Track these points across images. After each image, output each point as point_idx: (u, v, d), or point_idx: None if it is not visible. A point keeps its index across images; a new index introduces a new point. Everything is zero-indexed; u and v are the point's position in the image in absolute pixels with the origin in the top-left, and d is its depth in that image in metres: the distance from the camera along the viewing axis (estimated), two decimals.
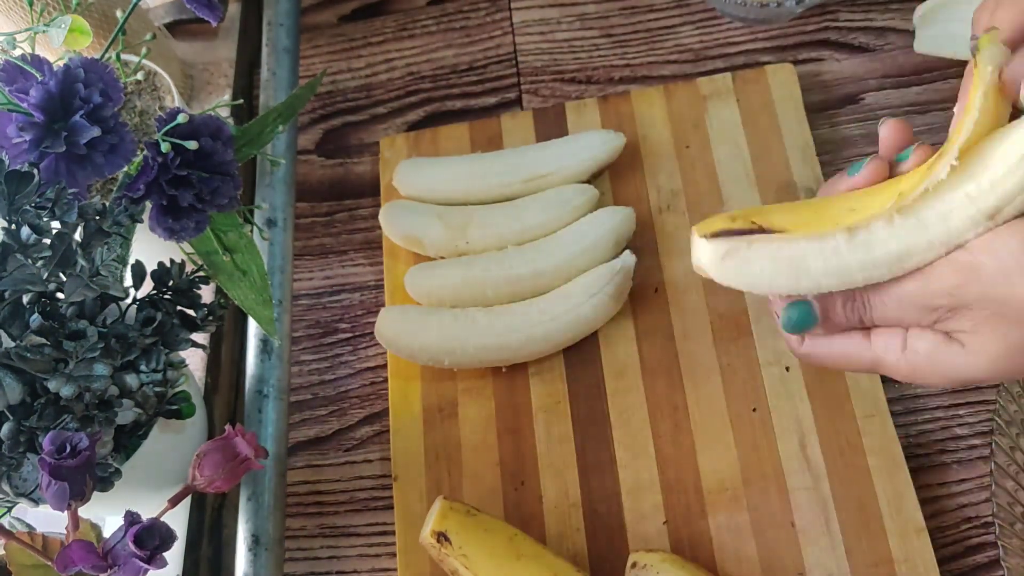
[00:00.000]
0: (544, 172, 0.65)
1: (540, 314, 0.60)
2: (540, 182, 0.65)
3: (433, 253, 0.65)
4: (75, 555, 0.40)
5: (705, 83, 0.69)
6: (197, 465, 0.46)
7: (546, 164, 0.65)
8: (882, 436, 0.56)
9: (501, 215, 0.65)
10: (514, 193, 0.66)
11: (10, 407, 0.43)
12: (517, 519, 0.58)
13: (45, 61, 0.48)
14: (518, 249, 0.63)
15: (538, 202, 0.65)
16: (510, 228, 0.64)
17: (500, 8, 0.79)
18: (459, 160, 0.68)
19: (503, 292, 0.62)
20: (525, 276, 0.62)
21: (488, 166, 0.67)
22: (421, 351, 0.61)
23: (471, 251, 0.64)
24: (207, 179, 0.50)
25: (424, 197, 0.67)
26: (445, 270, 0.64)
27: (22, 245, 0.42)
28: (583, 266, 0.61)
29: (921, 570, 0.53)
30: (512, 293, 0.62)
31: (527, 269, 0.62)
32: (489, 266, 0.62)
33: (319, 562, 0.61)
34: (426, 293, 0.63)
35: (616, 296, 0.61)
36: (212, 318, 0.51)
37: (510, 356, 0.61)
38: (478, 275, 0.62)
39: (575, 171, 0.65)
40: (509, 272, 0.62)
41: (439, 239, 0.65)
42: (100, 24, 0.63)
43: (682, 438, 0.58)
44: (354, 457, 0.63)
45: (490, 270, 0.62)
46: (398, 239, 0.66)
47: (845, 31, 0.72)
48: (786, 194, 0.64)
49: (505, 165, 0.66)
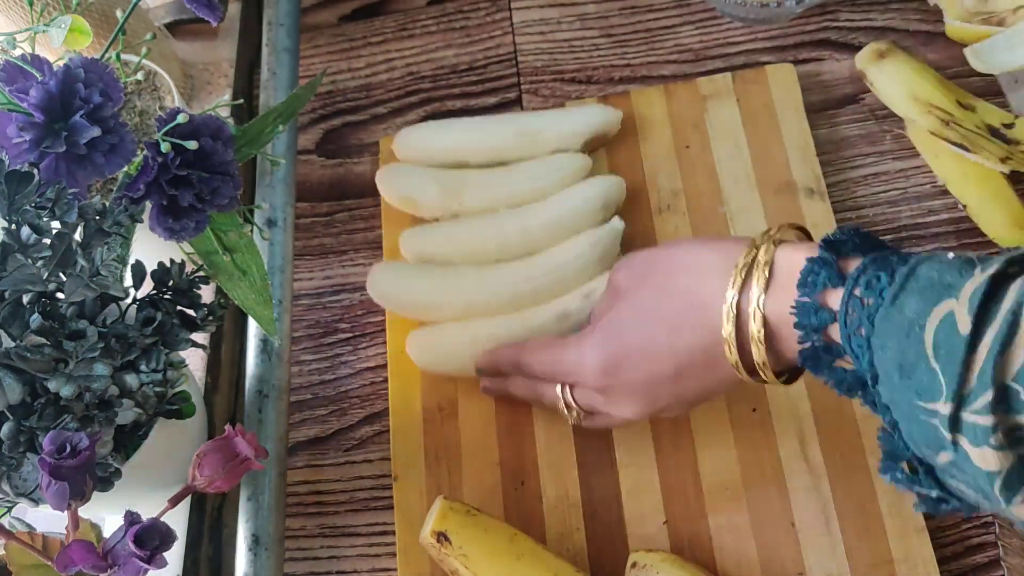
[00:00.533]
0: (537, 129, 0.66)
1: (528, 272, 0.62)
2: (533, 138, 0.66)
3: (428, 214, 0.67)
4: (75, 555, 0.40)
5: (705, 83, 0.69)
6: (197, 465, 0.46)
7: (539, 123, 0.67)
8: None
9: (495, 178, 0.66)
10: (507, 148, 0.67)
11: (10, 407, 0.43)
12: (517, 519, 0.58)
13: (45, 61, 0.48)
14: (510, 211, 0.65)
15: (531, 167, 0.66)
16: (503, 191, 0.65)
17: (500, 8, 0.79)
18: (455, 122, 0.70)
19: (493, 252, 0.63)
20: (514, 237, 0.63)
21: (482, 125, 0.68)
22: (411, 306, 0.63)
23: (465, 213, 0.66)
24: (207, 179, 0.50)
25: (421, 160, 0.69)
26: (438, 230, 0.65)
27: (22, 245, 0.42)
28: (572, 228, 0.63)
29: (921, 570, 0.53)
30: (502, 252, 0.63)
31: (517, 229, 0.63)
32: (481, 227, 0.64)
33: (319, 562, 0.61)
34: (420, 252, 0.65)
35: (602, 259, 0.62)
36: (212, 318, 0.51)
37: (497, 311, 0.61)
38: (470, 235, 0.64)
39: (568, 132, 0.66)
40: (500, 233, 0.63)
41: (434, 200, 0.66)
42: (100, 24, 0.63)
43: (682, 438, 0.58)
44: (354, 457, 0.63)
45: (482, 231, 0.64)
46: (395, 200, 0.68)
47: (845, 31, 0.72)
48: (786, 194, 0.64)
49: (499, 123, 0.68)
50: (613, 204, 0.64)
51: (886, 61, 0.65)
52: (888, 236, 0.64)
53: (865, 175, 0.67)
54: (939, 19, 0.70)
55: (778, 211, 0.64)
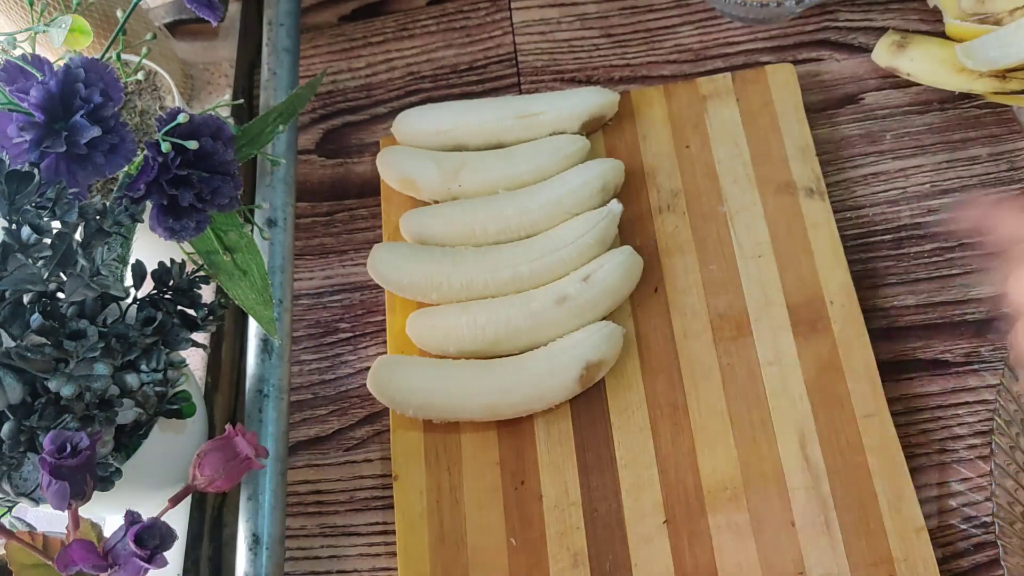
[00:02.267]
0: (536, 111, 0.67)
1: (526, 253, 0.62)
2: (531, 120, 0.67)
3: (427, 196, 0.67)
4: (76, 554, 0.40)
5: (705, 83, 0.69)
6: (197, 464, 0.46)
7: (538, 105, 0.67)
8: (882, 436, 0.56)
9: (493, 160, 0.67)
10: (506, 130, 0.67)
11: (11, 407, 0.43)
12: (517, 518, 0.58)
13: (46, 61, 0.48)
14: (509, 193, 0.65)
15: (530, 149, 0.66)
16: (502, 173, 0.66)
17: (500, 8, 0.79)
18: (453, 104, 0.70)
19: (492, 233, 0.64)
20: (513, 218, 0.63)
21: (481, 107, 0.69)
22: (410, 285, 0.63)
23: (463, 195, 0.66)
24: (207, 179, 0.50)
25: (420, 143, 0.69)
26: (438, 211, 0.66)
27: (23, 245, 0.42)
28: (571, 210, 0.63)
29: (921, 570, 0.53)
30: (501, 234, 0.64)
31: (516, 211, 0.63)
32: (480, 208, 0.64)
33: (319, 561, 0.61)
34: (419, 234, 0.65)
35: (600, 241, 0.62)
36: (212, 318, 0.51)
37: (495, 292, 0.62)
38: (469, 216, 0.64)
39: (567, 114, 0.66)
40: (499, 214, 0.64)
41: (433, 182, 0.66)
42: (100, 24, 0.63)
43: (682, 438, 0.58)
44: (354, 456, 0.64)
45: (481, 212, 0.64)
46: (394, 182, 0.68)
47: (845, 31, 0.72)
48: (786, 194, 0.64)
49: (498, 105, 0.69)
50: (612, 187, 0.65)
51: (910, 47, 0.65)
52: (888, 236, 0.64)
53: (865, 175, 0.67)
54: (938, 19, 0.70)
55: (778, 211, 0.64)
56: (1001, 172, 0.65)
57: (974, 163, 0.66)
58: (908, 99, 0.69)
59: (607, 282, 0.61)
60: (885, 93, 0.69)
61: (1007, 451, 0.55)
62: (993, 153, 0.66)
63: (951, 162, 0.66)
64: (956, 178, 0.66)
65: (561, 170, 0.65)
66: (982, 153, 0.66)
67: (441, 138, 0.68)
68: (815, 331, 0.60)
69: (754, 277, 0.62)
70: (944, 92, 0.67)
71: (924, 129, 0.67)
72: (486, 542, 0.57)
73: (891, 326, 0.62)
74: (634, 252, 0.62)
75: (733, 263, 0.63)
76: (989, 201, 0.53)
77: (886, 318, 0.62)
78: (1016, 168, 0.65)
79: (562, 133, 0.67)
